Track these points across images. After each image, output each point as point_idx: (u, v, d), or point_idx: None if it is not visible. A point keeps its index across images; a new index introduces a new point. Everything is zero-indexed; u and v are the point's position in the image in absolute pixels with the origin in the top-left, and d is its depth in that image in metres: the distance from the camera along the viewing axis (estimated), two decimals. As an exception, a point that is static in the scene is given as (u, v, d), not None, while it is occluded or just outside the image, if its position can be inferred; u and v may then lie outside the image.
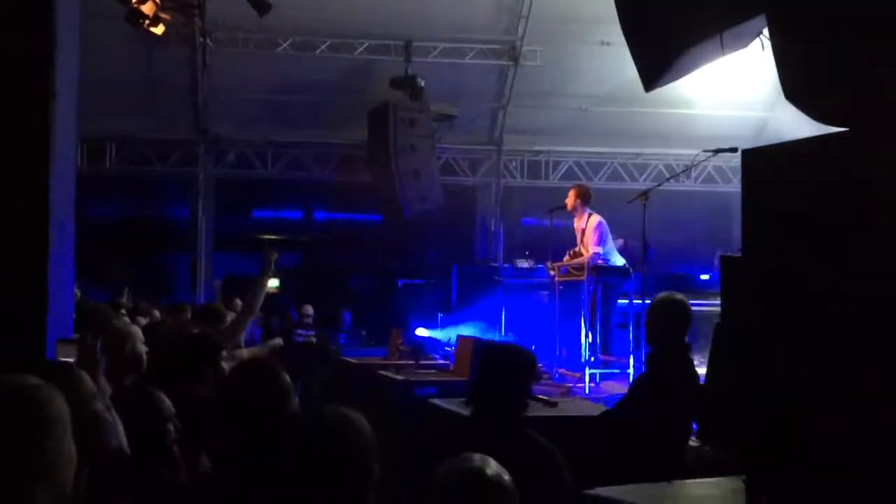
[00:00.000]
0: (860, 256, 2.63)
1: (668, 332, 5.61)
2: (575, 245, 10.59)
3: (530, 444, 3.79)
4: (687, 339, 5.65)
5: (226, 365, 4.38)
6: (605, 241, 10.32)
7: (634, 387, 6.07)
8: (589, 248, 10.24)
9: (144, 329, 6.15)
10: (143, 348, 4.40)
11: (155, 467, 3.06)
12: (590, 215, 10.46)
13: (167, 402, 3.20)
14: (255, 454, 2.77)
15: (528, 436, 3.85)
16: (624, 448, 4.95)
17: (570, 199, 10.56)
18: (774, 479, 3.06)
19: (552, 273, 10.26)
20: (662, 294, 6.13)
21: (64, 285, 3.35)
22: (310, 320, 14.61)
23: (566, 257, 10.41)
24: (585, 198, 10.62)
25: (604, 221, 10.39)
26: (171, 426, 3.18)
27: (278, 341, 9.79)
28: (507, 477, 2.50)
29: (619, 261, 10.36)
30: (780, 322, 2.93)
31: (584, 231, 10.42)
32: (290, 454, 2.56)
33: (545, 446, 3.79)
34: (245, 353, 7.04)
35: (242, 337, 7.53)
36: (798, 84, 2.86)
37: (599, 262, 10.02)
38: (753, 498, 3.11)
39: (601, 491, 3.49)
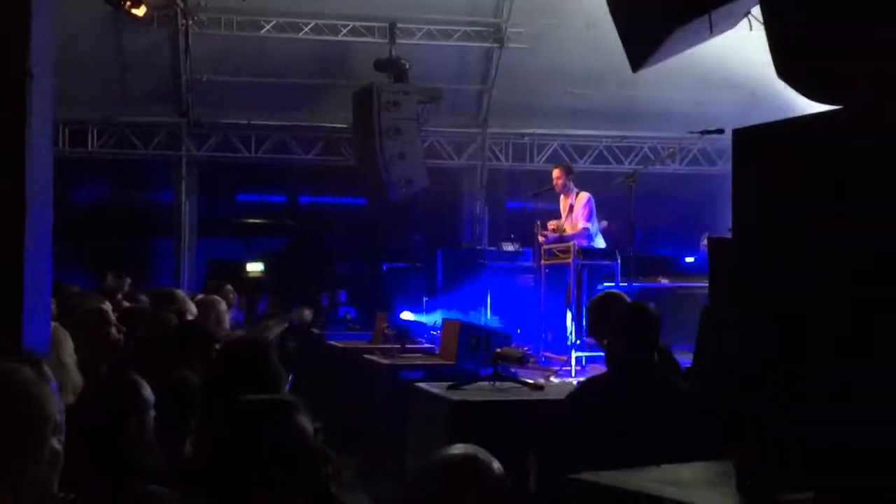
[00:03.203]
0: (854, 236, 2.60)
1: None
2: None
3: (670, 388, 4.45)
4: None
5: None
6: (592, 219, 10.31)
7: None
8: (577, 223, 10.22)
9: (127, 313, 6.09)
10: (114, 331, 4.32)
11: (134, 454, 3.00)
12: (578, 192, 10.44)
13: (147, 388, 3.14)
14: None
15: (668, 381, 4.53)
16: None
17: (560, 179, 10.52)
18: (763, 463, 3.03)
19: (541, 239, 10.22)
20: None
21: (42, 272, 3.27)
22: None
23: (550, 225, 10.35)
24: (572, 175, 10.63)
25: (592, 199, 10.37)
26: (151, 413, 3.12)
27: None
28: (496, 465, 2.45)
29: (600, 242, 10.34)
30: (772, 304, 2.90)
31: (572, 207, 10.38)
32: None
33: (684, 389, 4.45)
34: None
35: (227, 321, 7.46)
36: (791, 61, 2.82)
37: (584, 243, 10.00)
38: (743, 481, 3.08)
39: (587, 475, 3.44)
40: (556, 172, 10.66)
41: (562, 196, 10.58)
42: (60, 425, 2.19)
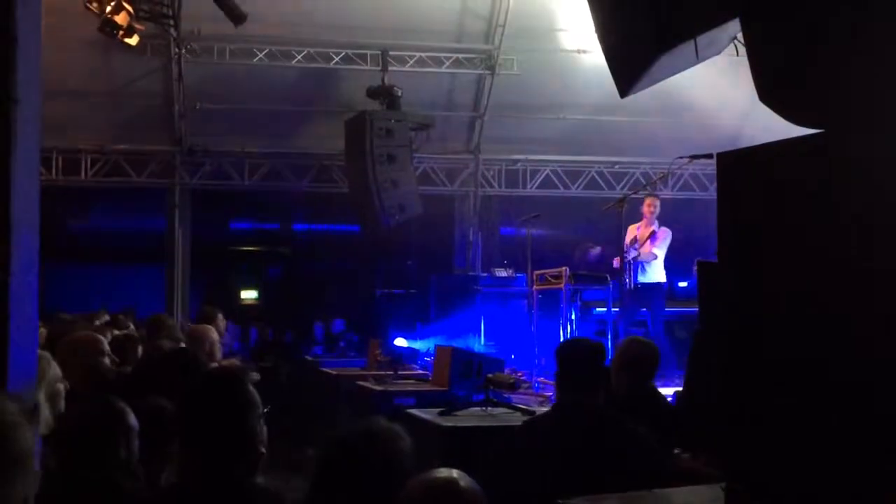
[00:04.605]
0: (838, 259, 2.61)
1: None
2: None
3: (615, 425, 4.25)
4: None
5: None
6: (664, 249, 10.53)
7: None
8: (653, 250, 10.44)
9: (119, 341, 6.08)
10: (106, 360, 4.32)
11: (117, 479, 3.00)
12: (660, 225, 10.69)
13: (132, 415, 3.14)
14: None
15: (612, 418, 4.30)
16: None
17: (655, 208, 10.76)
18: (754, 487, 3.02)
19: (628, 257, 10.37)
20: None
21: (28, 299, 3.26)
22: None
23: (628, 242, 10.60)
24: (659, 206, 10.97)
25: (670, 236, 10.82)
26: (133, 439, 3.12)
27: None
28: (478, 489, 2.46)
29: (659, 274, 10.51)
30: (758, 327, 2.90)
31: (654, 234, 10.58)
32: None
33: (630, 427, 4.24)
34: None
35: (219, 351, 7.43)
36: (773, 86, 2.83)
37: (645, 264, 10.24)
38: (732, 506, 3.07)
39: (578, 501, 3.43)
40: (654, 201, 10.91)
41: (643, 223, 10.74)
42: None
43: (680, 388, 6.08)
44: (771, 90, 2.85)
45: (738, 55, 6.35)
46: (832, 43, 2.71)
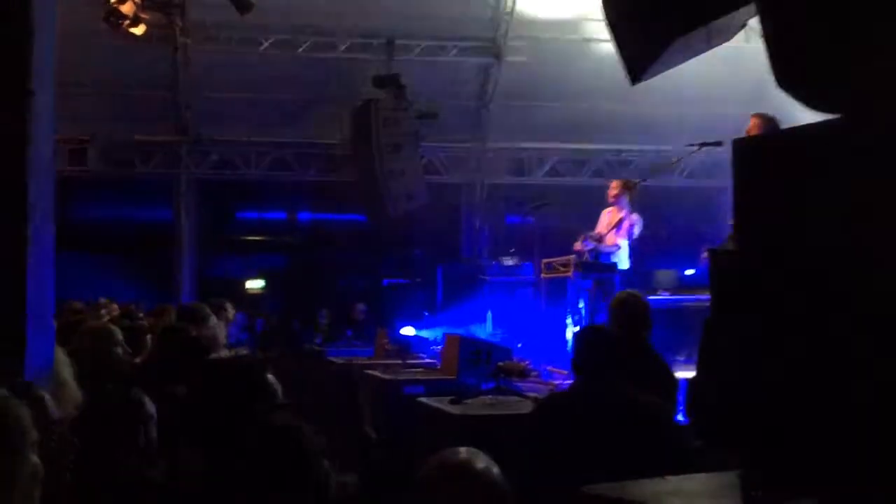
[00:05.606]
0: (857, 243, 2.60)
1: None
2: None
3: (634, 402, 4.34)
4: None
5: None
6: (629, 238, 10.29)
7: None
8: (615, 239, 10.19)
9: (128, 331, 6.09)
10: (120, 350, 4.34)
11: (135, 466, 3.03)
12: (631, 211, 10.40)
13: (150, 403, 3.15)
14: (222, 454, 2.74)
15: (632, 395, 4.38)
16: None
17: (614, 191, 10.48)
18: (768, 474, 3.02)
19: (578, 247, 10.15)
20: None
21: (44, 288, 3.28)
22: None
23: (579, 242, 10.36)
24: (630, 191, 10.55)
25: (641, 222, 10.34)
26: (151, 427, 3.14)
27: None
28: (495, 470, 2.46)
29: (623, 261, 10.28)
30: (776, 314, 2.89)
31: (621, 222, 10.28)
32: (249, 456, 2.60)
33: (649, 402, 4.36)
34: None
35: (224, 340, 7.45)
36: (790, 70, 2.83)
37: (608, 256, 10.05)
38: (748, 493, 3.07)
39: (593, 487, 3.43)
40: (613, 184, 10.64)
41: (614, 208, 10.48)
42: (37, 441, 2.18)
43: (690, 375, 6.08)
44: (789, 75, 2.84)
45: (748, 41, 6.31)
46: (850, 27, 2.70)
